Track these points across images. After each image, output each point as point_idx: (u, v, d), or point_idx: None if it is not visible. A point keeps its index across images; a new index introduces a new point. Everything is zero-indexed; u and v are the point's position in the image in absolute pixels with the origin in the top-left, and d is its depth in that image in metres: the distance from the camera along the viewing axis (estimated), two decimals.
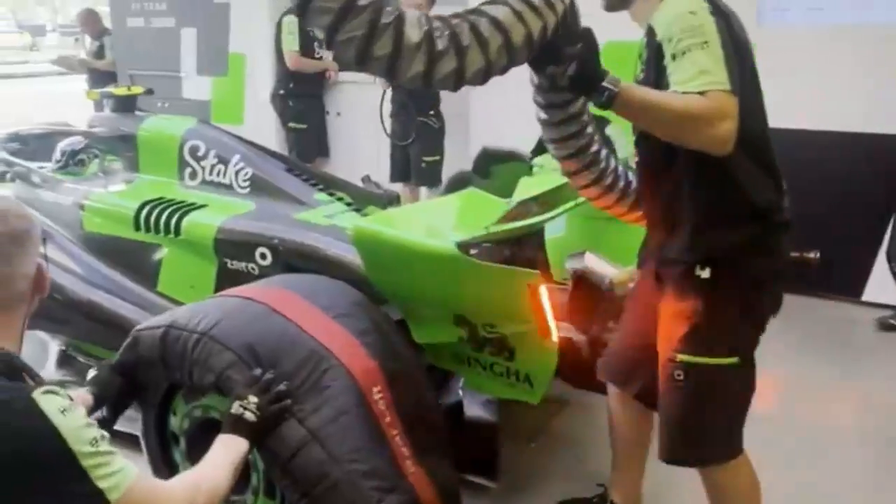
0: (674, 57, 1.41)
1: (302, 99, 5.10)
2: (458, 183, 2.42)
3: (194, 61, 5.69)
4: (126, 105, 3.18)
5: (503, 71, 1.42)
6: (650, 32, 1.50)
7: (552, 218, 2.07)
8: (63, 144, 3.44)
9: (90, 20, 6.56)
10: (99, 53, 6.36)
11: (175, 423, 1.90)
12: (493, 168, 2.35)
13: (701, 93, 1.36)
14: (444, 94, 4.55)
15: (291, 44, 4.98)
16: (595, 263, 1.93)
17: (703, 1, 1.44)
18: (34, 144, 3.77)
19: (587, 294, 1.95)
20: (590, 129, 1.71)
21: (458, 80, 1.34)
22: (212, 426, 1.81)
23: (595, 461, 2.40)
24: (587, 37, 1.36)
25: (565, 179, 2.20)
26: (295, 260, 2.44)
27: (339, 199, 2.68)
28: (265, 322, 1.76)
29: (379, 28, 1.27)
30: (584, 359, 2.09)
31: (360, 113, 5.20)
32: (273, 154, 2.92)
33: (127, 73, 6.05)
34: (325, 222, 2.52)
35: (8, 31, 25.52)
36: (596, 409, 2.62)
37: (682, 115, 1.36)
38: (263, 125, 5.21)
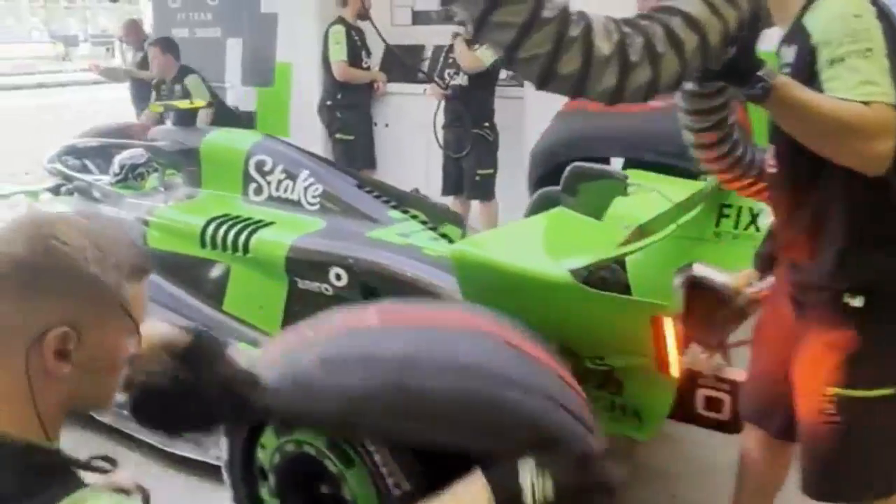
0: (831, 63, 1.28)
1: (349, 110, 5.03)
2: (545, 201, 2.32)
3: (239, 72, 5.64)
4: (188, 118, 3.11)
5: (693, 74, 1.29)
6: (801, 33, 1.37)
7: (655, 242, 1.95)
8: (122, 157, 3.39)
9: (133, 31, 6.54)
10: (143, 64, 6.33)
11: (263, 457, 1.80)
12: (582, 186, 2.24)
13: (864, 103, 1.24)
14: (497, 106, 4.47)
15: (339, 54, 4.92)
16: (707, 272, 1.80)
17: (868, 3, 1.31)
18: (90, 157, 3.73)
19: (703, 302, 1.82)
20: (732, 101, 1.59)
21: (650, 92, 1.21)
22: (305, 461, 1.72)
23: (689, 495, 2.27)
24: (753, 20, 1.24)
25: (667, 201, 2.09)
26: (371, 280, 2.35)
27: (413, 217, 2.59)
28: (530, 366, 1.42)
29: (566, 42, 1.13)
30: (686, 389, 1.97)
31: (408, 124, 5.12)
32: (343, 170, 2.84)
33: None
34: (400, 241, 2.43)
35: (41, 42, 25.93)
36: (685, 441, 2.49)
37: (839, 123, 1.23)
38: (309, 136, 5.13)
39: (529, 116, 4.41)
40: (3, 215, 3.37)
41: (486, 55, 4.16)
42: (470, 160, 4.32)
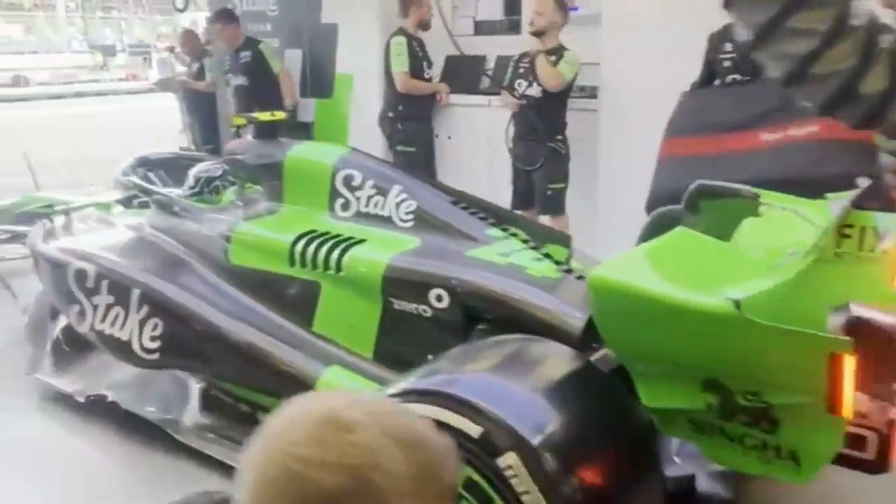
0: None
1: (411, 121, 4.94)
2: (663, 222, 2.19)
3: (298, 83, 5.59)
4: (269, 131, 3.03)
5: None
6: None
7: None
8: (197, 170, 3.33)
9: (190, 41, 6.54)
10: (199, 75, 6.33)
11: None
12: (706, 204, 2.11)
13: None
14: (569, 118, 4.35)
15: (401, 65, 4.84)
16: (872, 314, 1.65)
17: None
18: (160, 169, 3.68)
19: (873, 350, 1.67)
20: None
21: None
22: None
23: None
24: None
25: (805, 222, 1.95)
26: (473, 302, 2.24)
27: (513, 236, 2.47)
28: None
29: (874, 56, 0.98)
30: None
31: (471, 136, 5.02)
32: (436, 185, 2.74)
33: (228, 96, 5.99)
34: (501, 261, 2.31)
35: (81, 51, 26.37)
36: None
37: None
38: (368, 148, 5.01)
39: (604, 130, 4.29)
40: (77, 227, 3.32)
41: (566, 71, 4.07)
42: (541, 174, 4.20)
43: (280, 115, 3.06)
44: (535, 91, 4.14)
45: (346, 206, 2.72)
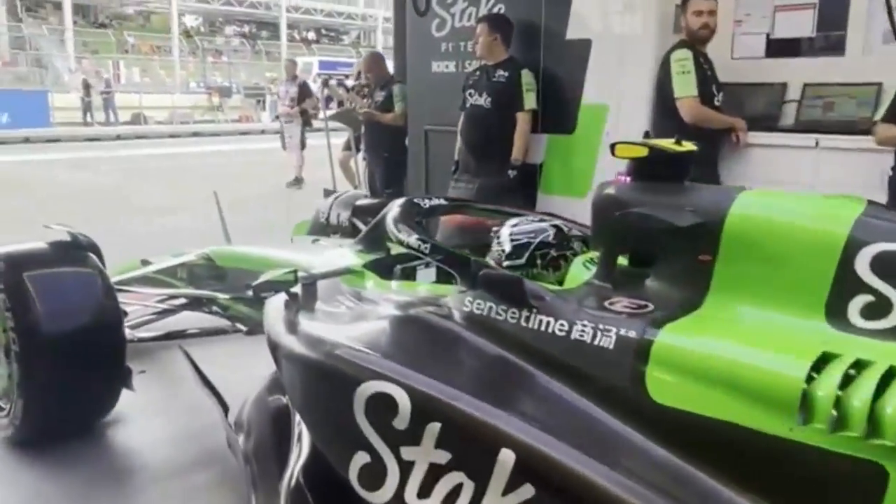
0: None
1: (698, 164, 3.70)
2: None
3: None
4: (677, 169, 1.86)
5: None
6: None
7: None
8: (515, 231, 2.18)
9: (376, 65, 5.57)
10: (386, 105, 5.32)
11: None
12: None
13: None
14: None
15: (688, 87, 3.67)
16: None
17: None
18: (428, 218, 2.56)
19: None
20: None
21: None
22: None
23: None
24: None
25: None
26: None
27: None
28: None
29: None
30: None
31: (775, 185, 3.74)
32: None
33: (422, 129, 4.93)
34: None
35: (198, 92, 26.90)
36: None
37: None
38: None
39: None
40: (327, 309, 2.20)
41: None
42: None
43: (690, 145, 1.88)
44: None
45: (876, 312, 1.48)
